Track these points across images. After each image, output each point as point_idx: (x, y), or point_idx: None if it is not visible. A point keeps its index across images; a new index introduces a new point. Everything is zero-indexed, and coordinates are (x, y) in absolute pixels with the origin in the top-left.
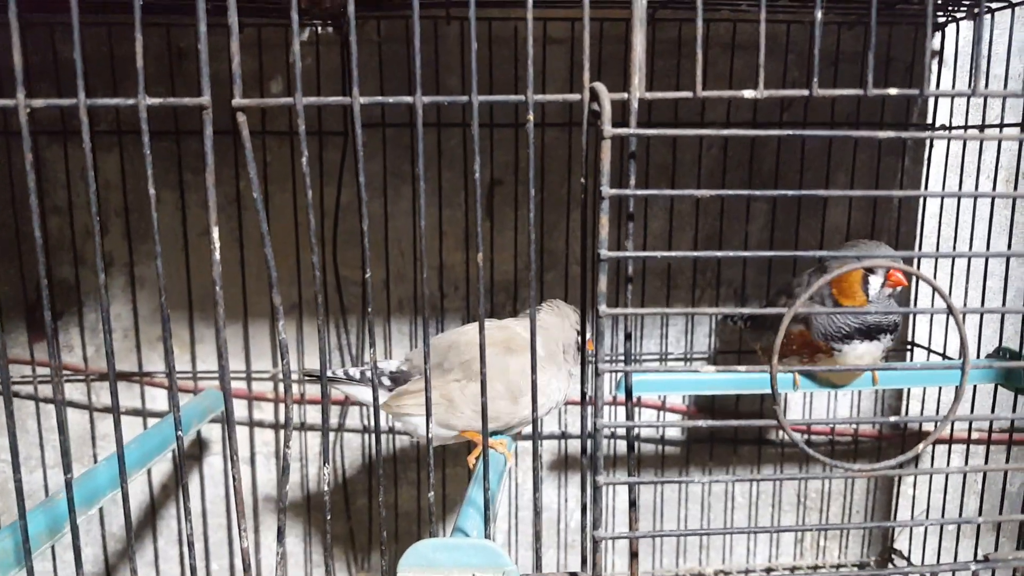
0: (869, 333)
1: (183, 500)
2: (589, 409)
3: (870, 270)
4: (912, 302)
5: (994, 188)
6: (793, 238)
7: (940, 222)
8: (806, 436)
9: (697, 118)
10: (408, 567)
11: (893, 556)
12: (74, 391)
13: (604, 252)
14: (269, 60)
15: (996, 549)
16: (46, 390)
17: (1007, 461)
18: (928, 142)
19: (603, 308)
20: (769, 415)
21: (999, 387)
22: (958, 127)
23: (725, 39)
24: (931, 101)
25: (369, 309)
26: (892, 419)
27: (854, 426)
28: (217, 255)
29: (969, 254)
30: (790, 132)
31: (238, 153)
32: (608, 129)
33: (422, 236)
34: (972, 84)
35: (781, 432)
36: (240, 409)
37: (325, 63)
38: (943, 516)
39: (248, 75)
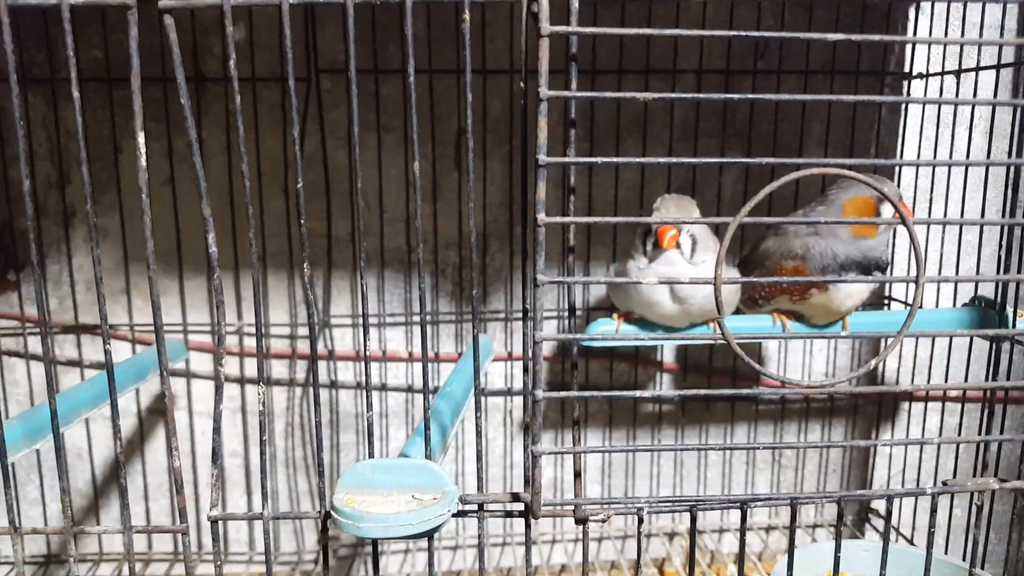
0: (867, 268)
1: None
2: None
3: (881, 199)
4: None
5: (970, 138)
6: (795, 193)
7: (917, 174)
8: (781, 394)
9: (669, 64)
10: (347, 488)
11: (869, 515)
12: (36, 344)
13: (543, 158)
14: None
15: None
16: (8, 343)
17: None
18: (906, 90)
19: (542, 217)
20: (744, 370)
21: (975, 341)
22: (935, 73)
23: None
24: (907, 49)
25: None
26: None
27: (831, 377)
28: (143, 161)
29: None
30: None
31: (200, 98)
32: (546, 27)
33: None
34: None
35: (756, 389)
36: (206, 363)
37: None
38: (919, 472)
39: (212, 17)
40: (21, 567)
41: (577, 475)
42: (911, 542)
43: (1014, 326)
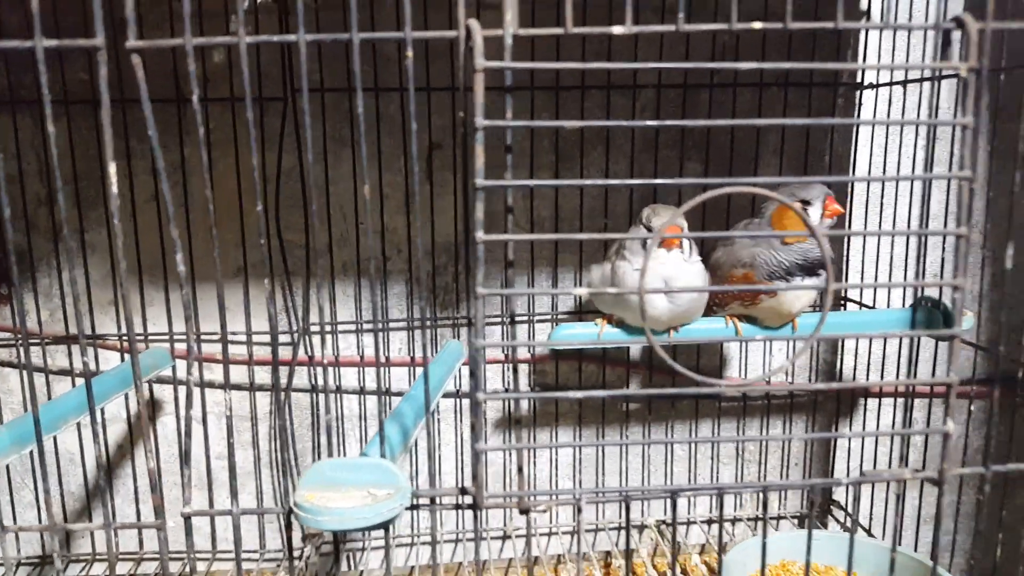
0: (811, 268)
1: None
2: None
3: (807, 202)
4: (844, 259)
5: (915, 145)
6: (725, 197)
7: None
8: (743, 392)
9: (630, 80)
10: (308, 485)
11: (832, 507)
12: (33, 355)
13: (480, 181)
14: (210, 29)
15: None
16: (3, 354)
17: (937, 412)
18: (858, 99)
19: (480, 235)
20: (708, 371)
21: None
22: (884, 84)
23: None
24: (860, 60)
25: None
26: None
27: (789, 380)
28: (115, 189)
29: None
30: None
31: (182, 120)
32: (480, 62)
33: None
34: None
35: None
36: (193, 371)
37: (265, 30)
38: (875, 464)
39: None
40: (9, 564)
41: (520, 470)
42: (869, 532)
43: (949, 325)
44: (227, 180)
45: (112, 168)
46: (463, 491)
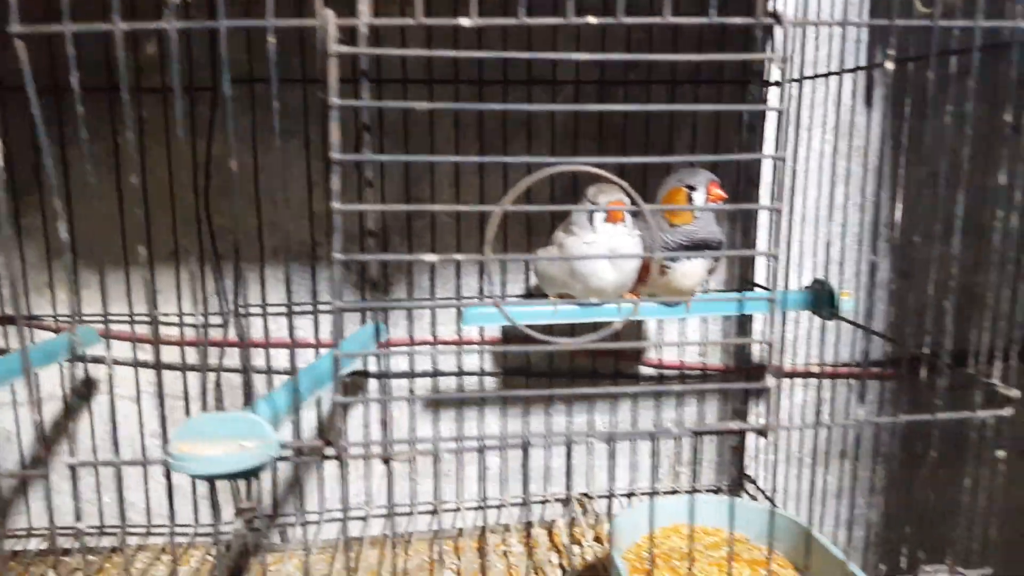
0: (697, 248)
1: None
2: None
3: (692, 188)
4: (752, 244)
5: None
6: (642, 188)
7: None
8: (659, 371)
9: (550, 75)
10: (183, 437)
11: (744, 481)
12: None
13: (335, 155)
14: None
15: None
16: None
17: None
18: (766, 96)
19: (336, 205)
20: (627, 353)
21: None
22: (794, 79)
23: None
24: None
25: None
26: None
27: (703, 359)
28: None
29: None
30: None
31: (113, 108)
32: (333, 48)
33: None
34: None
35: (640, 367)
36: (125, 351)
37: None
38: (788, 443)
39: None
40: None
41: (383, 423)
42: (773, 503)
43: (834, 305)
44: (160, 168)
45: None
46: (328, 443)
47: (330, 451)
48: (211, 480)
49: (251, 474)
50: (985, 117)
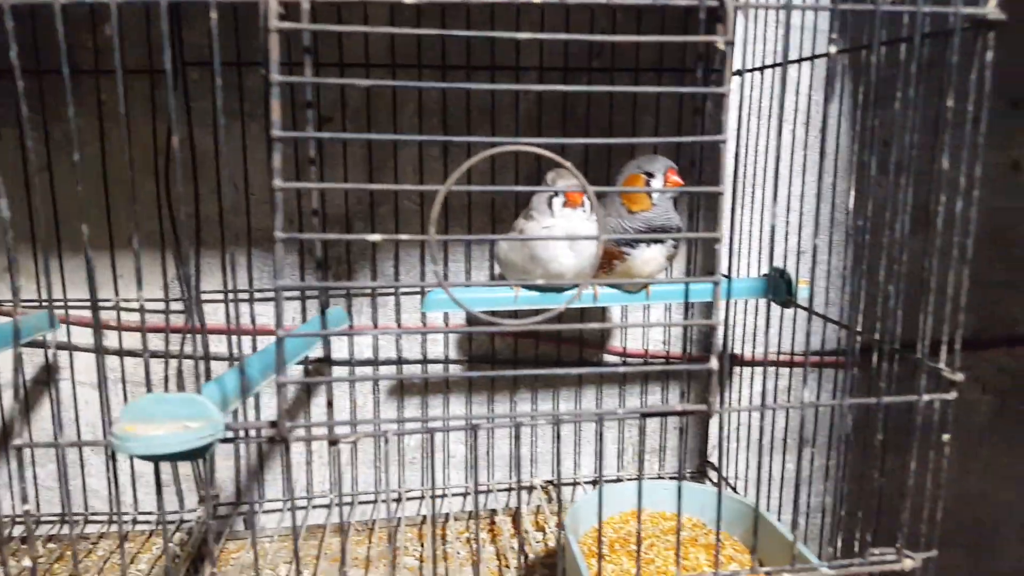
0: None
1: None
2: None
3: (651, 175)
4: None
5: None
6: (605, 176)
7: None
8: (623, 359)
9: (513, 62)
10: (128, 418)
11: (707, 469)
12: None
13: (276, 132)
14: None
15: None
16: None
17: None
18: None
19: (278, 183)
20: (592, 341)
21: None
22: (755, 68)
23: None
24: (739, 48)
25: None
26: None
27: (666, 348)
28: None
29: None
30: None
31: (73, 89)
32: (274, 23)
33: None
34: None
35: (604, 355)
36: (87, 337)
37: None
38: (749, 430)
39: (83, 14)
40: None
41: (329, 404)
42: (735, 489)
43: (791, 293)
44: (119, 150)
45: None
46: (272, 424)
47: (270, 432)
48: (156, 461)
49: (196, 455)
50: (934, 104)
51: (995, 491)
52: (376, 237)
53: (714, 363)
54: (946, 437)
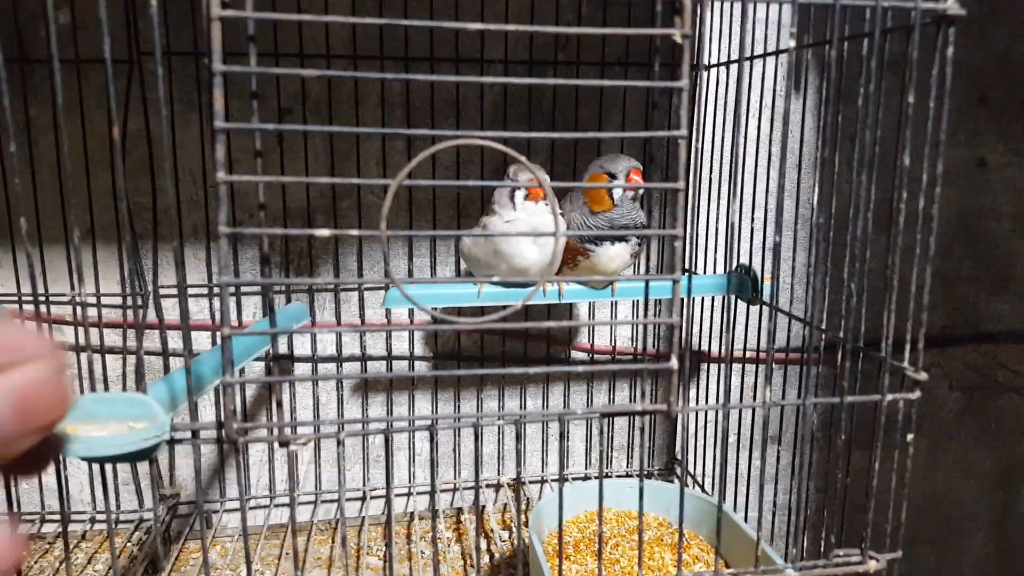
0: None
1: None
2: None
3: (613, 175)
4: (692, 230)
5: (759, 127)
6: (572, 171)
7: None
8: (590, 355)
9: (477, 54)
10: (70, 420)
11: (675, 466)
12: None
13: (219, 123)
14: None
15: (783, 456)
16: None
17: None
18: (703, 80)
19: (221, 175)
20: (559, 338)
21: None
22: (717, 64)
23: None
24: (705, 41)
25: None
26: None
27: (634, 345)
28: None
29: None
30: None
31: (26, 79)
32: (216, 11)
33: None
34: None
35: (572, 352)
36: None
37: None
38: (716, 428)
39: (36, 3)
40: None
41: (279, 404)
42: (703, 488)
43: (757, 289)
44: (74, 142)
45: None
46: (221, 425)
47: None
48: (101, 463)
49: (141, 457)
50: (897, 101)
51: (962, 487)
52: (324, 232)
53: (674, 363)
54: (910, 437)
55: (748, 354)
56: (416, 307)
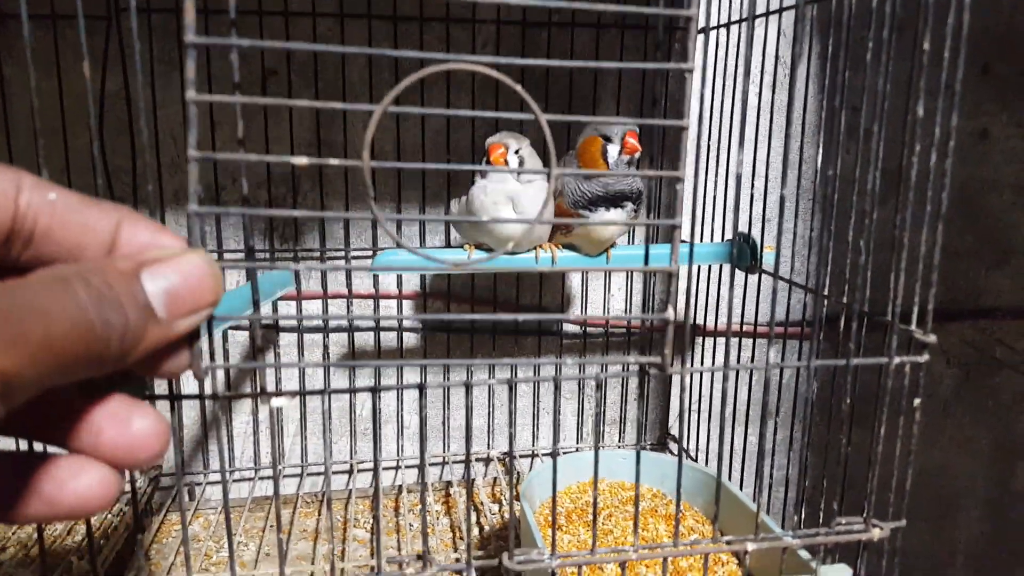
0: (613, 200)
1: None
2: None
3: (608, 139)
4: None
5: (760, 91)
6: (565, 139)
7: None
8: (584, 328)
9: (469, 15)
10: None
11: (668, 440)
12: None
13: (192, 95)
14: None
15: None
16: None
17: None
18: (701, 42)
19: (192, 152)
20: (552, 308)
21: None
22: (721, 25)
23: None
24: (702, 3)
25: None
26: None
27: (628, 309)
28: None
29: None
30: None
31: (2, 39)
32: None
33: None
34: None
35: (565, 327)
36: None
37: None
38: (711, 400)
39: None
40: None
41: (261, 350)
42: (694, 459)
43: (756, 258)
44: (50, 101)
45: None
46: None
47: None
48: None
49: None
50: (908, 48)
51: (958, 464)
52: (302, 160)
53: (670, 313)
54: (917, 402)
55: (745, 328)
56: (400, 244)
